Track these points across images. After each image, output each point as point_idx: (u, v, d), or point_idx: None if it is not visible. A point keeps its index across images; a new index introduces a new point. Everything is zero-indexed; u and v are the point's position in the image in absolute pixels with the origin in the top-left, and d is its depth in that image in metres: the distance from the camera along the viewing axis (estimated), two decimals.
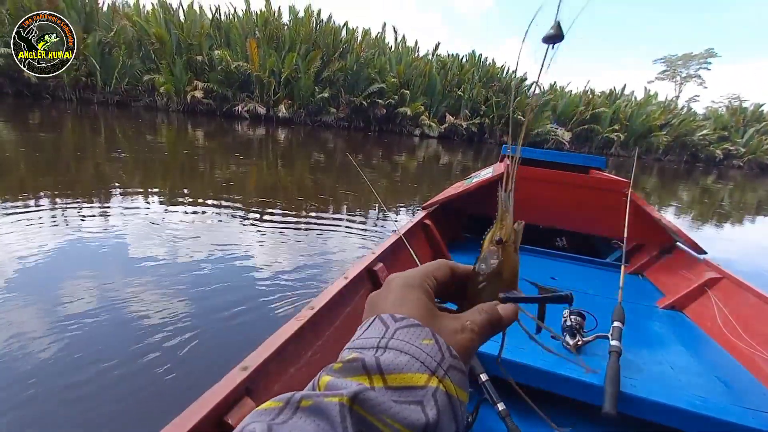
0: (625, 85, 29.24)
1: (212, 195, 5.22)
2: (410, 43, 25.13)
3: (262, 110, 19.04)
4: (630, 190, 2.40)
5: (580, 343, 1.45)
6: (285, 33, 20.07)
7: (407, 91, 21.98)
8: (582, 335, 1.47)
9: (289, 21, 20.68)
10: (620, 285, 1.72)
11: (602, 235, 2.95)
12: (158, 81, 17.55)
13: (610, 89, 28.57)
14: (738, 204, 11.22)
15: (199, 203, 4.78)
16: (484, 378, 1.14)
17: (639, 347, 1.55)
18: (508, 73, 25.60)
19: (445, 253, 2.42)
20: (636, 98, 29.08)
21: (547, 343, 1.43)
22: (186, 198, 5.03)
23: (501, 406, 1.09)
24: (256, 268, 3.06)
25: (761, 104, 30.75)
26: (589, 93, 27.61)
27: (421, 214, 2.51)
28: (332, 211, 5.12)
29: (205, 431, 0.72)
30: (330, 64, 20.16)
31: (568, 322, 1.50)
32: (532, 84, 25.93)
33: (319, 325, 1.16)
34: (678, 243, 2.46)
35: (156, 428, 0.67)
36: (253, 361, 0.88)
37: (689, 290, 2.00)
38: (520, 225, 0.33)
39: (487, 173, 2.77)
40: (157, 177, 6.18)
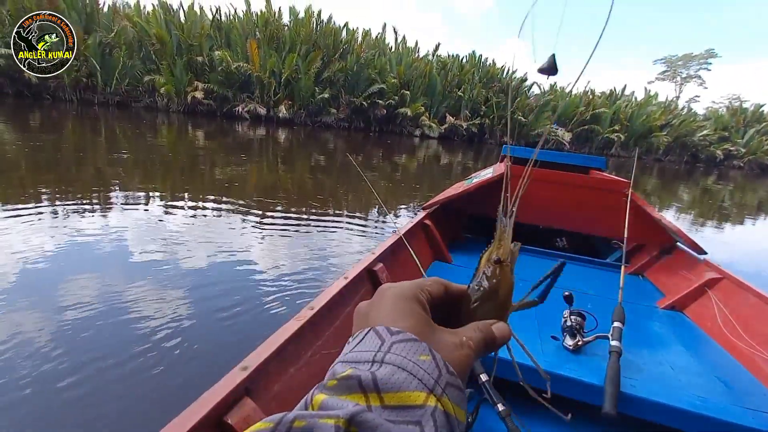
0: (625, 86, 29.25)
1: (213, 195, 5.23)
2: (410, 44, 25.16)
3: (262, 111, 19.05)
4: (630, 190, 2.40)
5: (580, 343, 1.45)
6: (285, 34, 20.08)
7: (407, 92, 21.97)
8: (582, 335, 1.48)
9: (290, 22, 20.70)
10: (620, 285, 1.72)
11: (602, 236, 2.95)
12: (159, 82, 17.56)
13: (611, 89, 28.59)
14: (738, 204, 11.21)
15: (200, 203, 4.79)
16: (484, 378, 1.14)
17: (639, 347, 1.55)
18: (508, 73, 25.61)
19: (445, 254, 2.42)
20: (636, 99, 29.08)
21: (548, 343, 1.43)
22: (186, 198, 5.03)
23: (501, 407, 1.09)
24: (255, 268, 3.06)
25: (761, 105, 30.74)
26: (589, 93, 27.61)
27: (421, 214, 2.51)
28: (332, 211, 5.12)
29: (204, 431, 0.72)
30: (330, 65, 20.17)
31: (569, 323, 1.50)
32: (532, 85, 26.18)
33: (318, 326, 1.16)
34: (678, 243, 2.46)
35: (156, 428, 0.67)
36: (253, 361, 0.88)
37: (689, 290, 2.00)
38: (517, 246, 0.35)
39: (487, 173, 2.77)
40: (158, 177, 6.18)
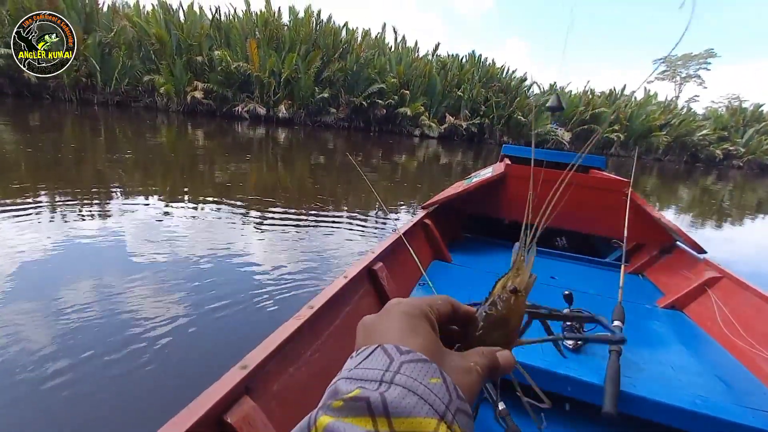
0: (625, 85, 29.19)
1: (212, 195, 5.22)
2: (410, 44, 25.17)
3: (262, 111, 19.04)
4: (630, 189, 2.40)
5: (580, 342, 1.45)
6: (285, 33, 20.07)
7: (407, 92, 21.97)
8: (582, 335, 1.47)
9: (289, 21, 20.69)
10: (620, 284, 1.72)
11: (602, 235, 2.95)
12: (158, 81, 17.55)
13: (610, 89, 28.58)
14: (738, 204, 11.22)
15: (199, 203, 4.79)
16: None
17: (639, 347, 1.54)
18: (508, 73, 25.60)
19: (444, 253, 2.41)
20: (636, 98, 29.09)
21: (548, 343, 1.42)
22: (186, 198, 5.03)
23: (501, 406, 1.09)
24: (255, 266, 3.06)
25: (761, 104, 30.75)
26: (588, 93, 27.61)
27: (421, 213, 2.51)
28: (332, 210, 5.12)
29: (204, 430, 0.72)
30: (330, 65, 20.16)
31: (569, 322, 1.50)
32: (532, 84, 26.16)
33: (318, 325, 1.16)
34: (678, 242, 2.45)
35: (155, 426, 0.66)
36: (253, 359, 0.88)
37: (689, 290, 2.00)
38: (533, 277, 0.35)
39: (487, 173, 2.76)
40: (157, 177, 6.18)
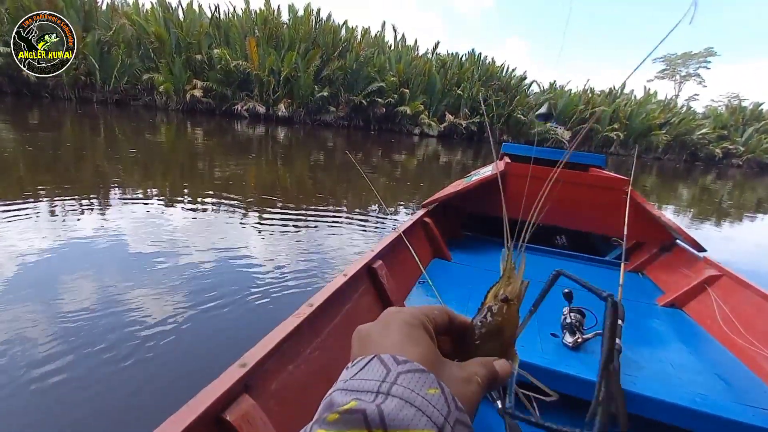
0: (624, 84, 29.20)
1: (212, 193, 5.21)
2: (410, 42, 25.11)
3: (261, 109, 19.02)
4: (630, 187, 2.40)
5: (579, 340, 1.45)
6: (284, 32, 20.03)
7: (407, 90, 21.95)
8: (582, 332, 1.48)
9: (289, 20, 20.64)
10: (620, 283, 1.72)
11: (602, 233, 2.95)
12: (157, 80, 17.52)
13: (610, 88, 28.55)
14: (737, 202, 11.22)
15: (199, 201, 4.78)
16: None
17: (639, 345, 1.55)
18: (507, 71, 25.56)
19: (444, 251, 2.41)
20: (636, 97, 29.05)
21: (548, 340, 1.42)
22: (185, 196, 5.02)
23: (500, 404, 1.09)
24: (254, 265, 3.05)
25: (760, 103, 30.77)
26: (588, 92, 27.59)
27: (421, 212, 2.50)
28: (332, 209, 5.11)
29: (203, 428, 0.72)
30: (329, 63, 20.13)
31: (568, 320, 1.50)
32: (531, 83, 26.12)
33: (317, 323, 1.15)
34: (678, 241, 2.45)
35: (154, 424, 0.66)
36: (252, 357, 0.88)
37: (689, 288, 2.00)
38: (525, 284, 0.33)
39: (487, 171, 2.76)
40: (157, 175, 6.17)
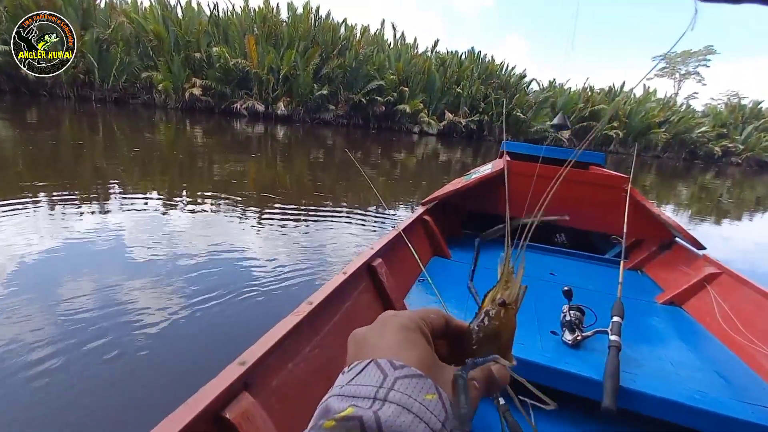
0: (624, 82, 29.16)
1: (211, 192, 5.21)
2: (409, 40, 25.04)
3: (260, 107, 18.97)
4: (629, 185, 2.40)
5: (579, 338, 1.45)
6: (283, 30, 19.97)
7: (406, 89, 21.89)
8: (581, 330, 1.48)
9: (288, 18, 20.58)
10: (619, 280, 1.72)
11: (601, 231, 2.95)
12: (156, 78, 17.46)
13: (609, 86, 28.54)
14: (737, 200, 11.23)
15: (198, 200, 4.77)
16: None
17: (638, 342, 1.55)
18: (507, 69, 25.53)
19: (444, 249, 2.41)
20: (635, 95, 29.05)
21: (547, 338, 1.42)
22: (185, 194, 5.01)
23: (500, 401, 1.09)
24: (254, 263, 3.05)
25: (760, 101, 30.74)
26: (588, 90, 27.57)
27: (421, 209, 2.50)
28: (331, 207, 5.11)
29: (202, 426, 0.71)
30: (329, 61, 20.08)
31: (568, 318, 1.50)
32: (531, 81, 26.09)
33: (317, 321, 1.15)
34: (677, 239, 2.46)
35: (153, 422, 0.66)
36: (251, 355, 0.87)
37: (688, 285, 2.00)
38: (523, 289, 0.33)
39: (487, 169, 2.76)
40: (156, 173, 6.16)
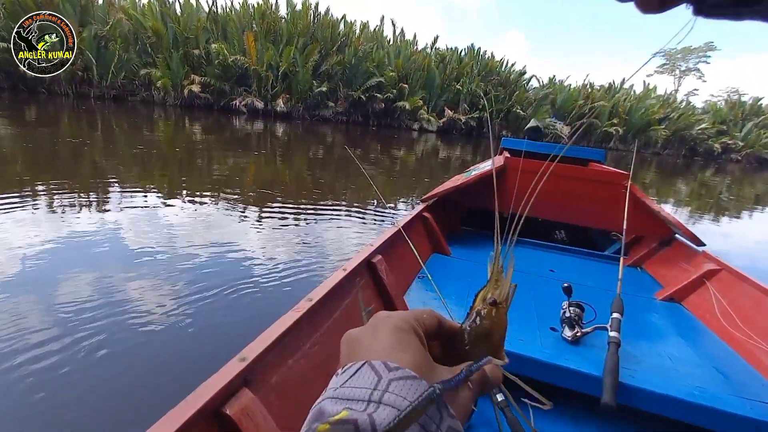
0: (624, 79, 29.16)
1: (210, 189, 5.20)
2: (409, 37, 24.96)
3: (259, 104, 18.93)
4: (629, 182, 2.40)
5: (579, 334, 1.45)
6: (282, 26, 19.90)
7: (406, 85, 21.84)
8: (581, 326, 1.48)
9: (287, 14, 20.50)
10: (619, 277, 1.73)
11: (601, 228, 2.95)
12: (155, 75, 17.41)
13: (609, 83, 28.48)
14: (736, 197, 11.24)
15: (198, 197, 4.76)
16: None
17: (638, 338, 1.55)
18: (506, 66, 25.45)
19: (444, 246, 2.41)
20: (635, 92, 28.99)
21: (547, 334, 1.42)
22: (184, 191, 5.00)
23: (500, 397, 1.09)
24: (254, 260, 3.05)
25: (760, 98, 30.70)
26: (588, 87, 27.51)
27: (420, 206, 2.50)
28: (331, 204, 5.11)
29: (202, 422, 0.72)
30: (328, 58, 20.02)
31: (567, 314, 1.50)
32: (531, 78, 26.02)
33: (317, 317, 1.15)
34: (677, 235, 2.46)
35: (153, 419, 0.66)
36: (251, 351, 0.88)
37: (688, 282, 2.00)
38: (513, 287, 0.33)
39: (486, 166, 2.76)
40: (155, 170, 6.14)
